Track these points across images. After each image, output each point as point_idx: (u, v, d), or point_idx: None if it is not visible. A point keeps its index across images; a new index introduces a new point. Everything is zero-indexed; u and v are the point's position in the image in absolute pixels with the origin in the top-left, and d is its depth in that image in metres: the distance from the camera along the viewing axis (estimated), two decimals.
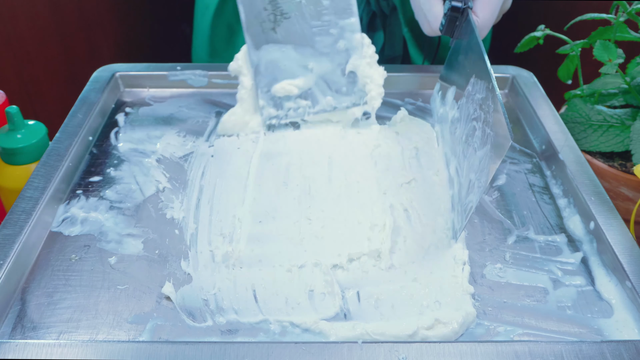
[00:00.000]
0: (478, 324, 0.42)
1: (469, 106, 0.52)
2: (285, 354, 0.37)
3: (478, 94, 0.50)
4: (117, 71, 0.68)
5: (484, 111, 0.48)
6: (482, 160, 0.46)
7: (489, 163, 0.45)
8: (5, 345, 0.38)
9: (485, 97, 0.48)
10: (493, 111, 0.46)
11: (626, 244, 0.46)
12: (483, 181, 0.45)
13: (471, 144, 0.49)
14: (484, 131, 0.47)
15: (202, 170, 0.56)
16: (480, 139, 0.48)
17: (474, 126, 0.50)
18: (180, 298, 0.43)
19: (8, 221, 0.47)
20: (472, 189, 0.47)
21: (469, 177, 0.48)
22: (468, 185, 0.48)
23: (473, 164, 0.48)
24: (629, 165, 0.61)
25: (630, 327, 0.42)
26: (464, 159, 0.51)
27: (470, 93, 0.52)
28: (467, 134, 0.51)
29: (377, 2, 0.75)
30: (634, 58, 0.65)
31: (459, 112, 0.55)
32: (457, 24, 0.57)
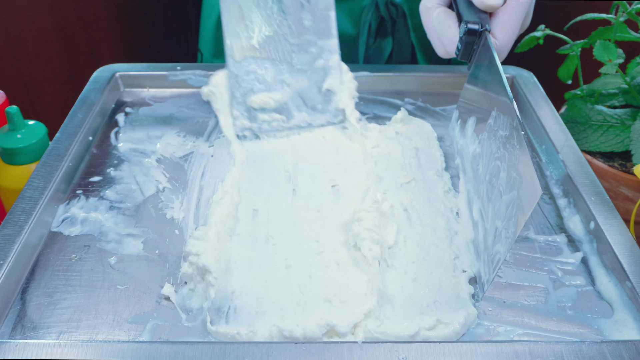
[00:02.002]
0: (478, 324, 0.42)
1: (491, 143, 0.48)
2: (285, 354, 0.37)
3: (501, 131, 0.46)
4: (117, 71, 0.68)
5: (508, 151, 0.44)
6: (509, 208, 0.42)
7: (517, 213, 0.41)
8: (5, 345, 0.38)
9: (509, 136, 0.45)
10: (519, 153, 0.42)
11: (626, 244, 0.46)
12: (511, 232, 0.41)
13: (496, 186, 0.46)
14: (510, 174, 0.43)
15: (202, 170, 0.56)
16: (505, 182, 0.44)
17: (497, 166, 0.46)
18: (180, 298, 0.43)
19: (8, 221, 0.47)
20: (499, 238, 0.43)
21: (495, 224, 0.44)
22: (494, 232, 0.44)
23: (499, 210, 0.44)
24: (629, 165, 0.61)
25: (630, 327, 0.42)
26: (488, 201, 0.47)
27: (492, 128, 0.48)
28: (491, 173, 0.47)
29: (386, 8, 0.75)
30: (634, 58, 0.65)
31: (480, 147, 0.51)
32: (474, 48, 0.52)
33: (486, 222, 0.46)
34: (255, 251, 0.47)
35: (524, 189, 0.41)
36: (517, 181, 0.42)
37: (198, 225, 0.50)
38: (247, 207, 0.51)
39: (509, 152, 0.44)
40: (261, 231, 0.49)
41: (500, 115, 0.47)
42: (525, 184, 0.40)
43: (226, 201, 0.50)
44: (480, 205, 0.48)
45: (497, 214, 0.44)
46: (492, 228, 0.45)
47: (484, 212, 0.47)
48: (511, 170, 0.43)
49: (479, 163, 0.51)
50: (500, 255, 0.42)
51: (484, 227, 0.47)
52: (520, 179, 0.42)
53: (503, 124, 0.46)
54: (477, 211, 0.49)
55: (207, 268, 0.43)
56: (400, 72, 0.69)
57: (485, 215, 0.47)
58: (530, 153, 0.41)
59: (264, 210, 0.51)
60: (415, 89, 0.69)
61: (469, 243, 0.48)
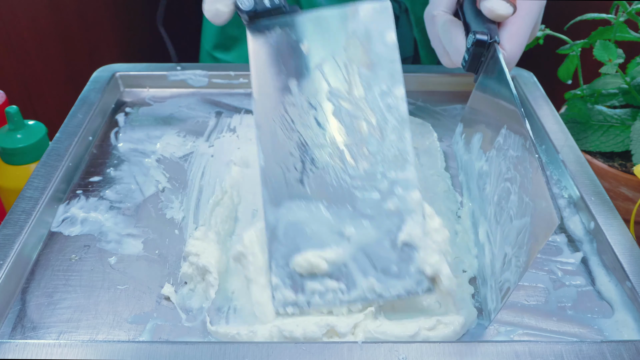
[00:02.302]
0: (478, 324, 0.42)
1: (500, 162, 0.44)
2: (285, 354, 0.37)
3: (512, 151, 0.43)
4: (117, 71, 0.68)
5: (519, 173, 0.41)
6: (520, 235, 0.39)
7: (530, 241, 0.38)
8: (5, 345, 0.38)
9: (521, 157, 0.41)
10: (532, 177, 0.39)
11: (626, 244, 0.46)
12: (523, 262, 0.38)
13: (505, 209, 0.42)
14: (522, 199, 0.40)
15: (202, 170, 0.56)
16: (516, 206, 0.40)
17: (507, 188, 0.42)
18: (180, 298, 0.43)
19: (8, 221, 0.47)
20: (509, 266, 0.39)
21: (505, 250, 0.41)
22: (503, 259, 0.41)
23: (509, 236, 0.40)
24: (629, 165, 0.61)
25: (630, 327, 0.42)
26: (496, 224, 0.43)
27: (501, 146, 0.45)
28: (500, 195, 0.43)
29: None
30: (634, 58, 0.65)
31: (487, 165, 0.47)
32: (482, 59, 0.49)
33: (494, 246, 0.43)
34: None
35: (538, 217, 0.37)
36: (529, 207, 0.39)
37: (198, 225, 0.50)
38: (247, 208, 0.51)
39: (521, 175, 0.41)
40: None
41: (511, 134, 0.44)
42: (540, 211, 0.37)
43: (226, 201, 0.50)
44: (488, 227, 0.45)
45: (507, 240, 0.40)
46: (500, 253, 0.41)
47: (491, 236, 0.44)
48: (523, 195, 0.40)
49: (486, 182, 0.47)
50: (509, 284, 0.38)
51: (492, 251, 0.43)
52: (533, 205, 0.38)
53: (514, 144, 0.43)
54: (483, 233, 0.45)
55: (207, 268, 0.43)
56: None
57: (493, 239, 0.43)
58: (545, 179, 0.37)
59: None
60: (415, 89, 0.69)
61: (469, 244, 0.48)
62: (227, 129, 0.62)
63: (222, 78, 0.68)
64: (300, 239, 0.43)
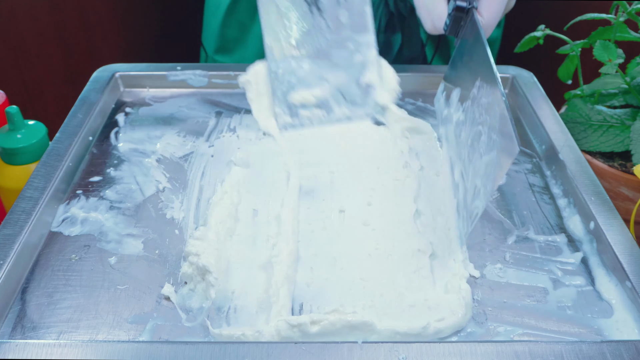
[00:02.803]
0: (478, 324, 0.42)
1: (475, 110, 0.51)
2: (285, 354, 0.37)
3: (484, 98, 0.49)
4: (117, 71, 0.68)
5: (490, 116, 0.47)
6: (488, 166, 0.45)
7: (496, 170, 0.44)
8: (5, 345, 0.38)
9: (491, 102, 0.47)
10: (500, 117, 0.45)
11: (626, 244, 0.46)
12: (489, 188, 0.44)
13: (477, 149, 0.48)
14: (490, 137, 0.46)
15: (202, 170, 0.56)
16: (486, 144, 0.47)
17: (479, 130, 0.49)
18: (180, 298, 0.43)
19: (8, 221, 0.47)
20: (478, 194, 0.46)
21: (475, 183, 0.47)
22: (474, 190, 0.47)
23: (479, 170, 0.47)
24: (629, 165, 0.61)
25: (630, 327, 0.42)
26: (469, 163, 0.50)
27: (475, 96, 0.51)
28: (473, 138, 0.50)
29: (395, 4, 0.75)
30: (634, 58, 0.65)
31: (464, 115, 0.54)
32: (461, 23, 0.56)
33: (467, 182, 0.50)
34: (255, 251, 0.47)
35: (503, 147, 0.43)
36: (496, 142, 0.45)
37: (198, 225, 0.50)
38: (247, 207, 0.51)
39: (491, 117, 0.47)
40: (261, 231, 0.49)
41: (484, 84, 0.50)
42: (504, 143, 0.43)
43: (226, 201, 0.50)
44: (462, 167, 0.51)
45: (477, 174, 0.47)
46: (471, 187, 0.48)
47: (465, 174, 0.50)
48: (491, 133, 0.46)
49: (461, 130, 0.54)
50: (477, 210, 0.45)
51: (464, 187, 0.50)
52: (499, 140, 0.44)
53: (486, 92, 0.49)
54: (458, 173, 0.52)
55: (207, 268, 0.43)
56: (401, 73, 0.68)
57: (466, 176, 0.50)
58: (509, 116, 0.43)
59: (264, 210, 0.51)
60: (415, 89, 0.69)
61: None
62: (227, 129, 0.62)
63: (222, 78, 0.68)
64: (294, 81, 0.61)
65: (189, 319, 0.42)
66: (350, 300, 0.43)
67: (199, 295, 0.44)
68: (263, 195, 0.53)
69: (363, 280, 0.44)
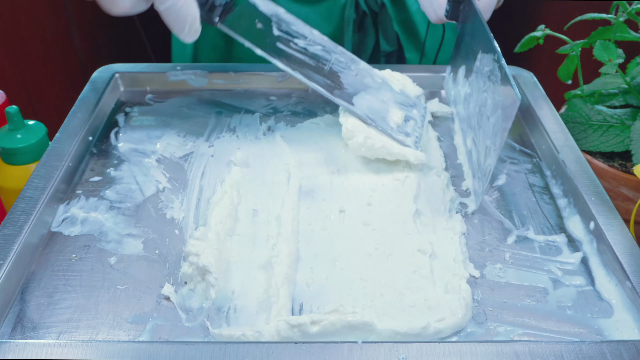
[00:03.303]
0: (478, 324, 0.42)
1: (479, 80, 0.54)
2: (285, 354, 0.37)
3: (486, 67, 0.52)
4: (117, 71, 0.68)
5: (492, 82, 0.50)
6: (495, 126, 0.49)
7: (501, 125, 0.47)
8: (5, 345, 0.38)
9: (492, 69, 0.51)
10: (501, 79, 0.48)
11: (626, 244, 0.46)
12: (498, 144, 0.47)
13: (484, 113, 0.52)
14: (494, 99, 0.49)
15: (202, 170, 0.56)
16: (491, 107, 0.50)
17: (485, 97, 0.52)
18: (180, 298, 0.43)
19: (8, 221, 0.47)
20: (489, 153, 0.49)
21: (485, 144, 0.51)
22: (485, 151, 0.51)
23: (487, 131, 0.51)
24: (629, 165, 0.61)
25: (630, 327, 0.42)
26: (479, 128, 0.53)
27: (478, 68, 0.55)
28: (480, 105, 0.54)
29: (366, 2, 0.76)
30: (634, 58, 0.65)
31: (470, 88, 0.58)
32: (461, 8, 0.59)
33: (478, 145, 0.53)
34: (255, 251, 0.47)
35: (506, 104, 0.46)
36: (499, 102, 0.48)
37: (198, 225, 0.50)
38: (247, 207, 0.51)
39: (493, 82, 0.50)
40: (261, 231, 0.49)
41: (484, 55, 0.53)
42: (506, 100, 0.46)
43: (226, 201, 0.50)
44: (473, 134, 0.55)
45: (487, 135, 0.51)
46: (482, 148, 0.52)
47: (476, 139, 0.54)
48: (495, 95, 0.50)
49: (469, 101, 0.57)
50: (490, 167, 0.49)
51: (477, 151, 0.53)
52: (502, 99, 0.48)
53: (487, 61, 0.52)
54: (470, 140, 0.56)
55: (207, 268, 0.43)
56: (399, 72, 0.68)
57: (477, 141, 0.54)
58: (509, 75, 0.46)
59: (264, 210, 0.51)
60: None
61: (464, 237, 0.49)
62: (227, 129, 0.62)
63: (222, 78, 0.68)
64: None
65: (189, 319, 0.42)
66: (350, 300, 0.43)
67: (199, 295, 0.44)
68: (263, 195, 0.53)
69: (363, 280, 0.44)
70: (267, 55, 0.56)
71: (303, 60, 0.58)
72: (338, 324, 0.40)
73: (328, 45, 0.60)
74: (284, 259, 0.45)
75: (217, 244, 0.46)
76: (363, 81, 0.60)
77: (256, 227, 0.49)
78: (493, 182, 0.56)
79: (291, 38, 0.58)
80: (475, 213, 0.52)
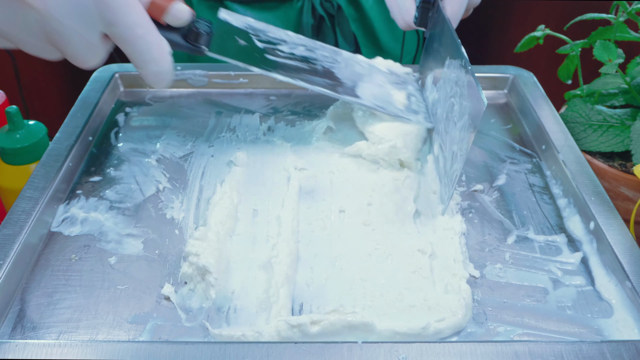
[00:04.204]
0: (478, 324, 0.42)
1: (446, 86, 0.54)
2: (285, 354, 0.37)
3: (453, 73, 0.52)
4: (117, 71, 0.68)
5: (459, 87, 0.50)
6: (461, 131, 0.48)
7: (468, 131, 0.46)
8: (5, 345, 0.38)
9: (459, 74, 0.50)
10: (467, 84, 0.48)
11: (626, 244, 0.46)
12: (464, 149, 0.47)
13: (451, 119, 0.51)
14: (461, 105, 0.49)
15: (202, 170, 0.56)
16: (459, 112, 0.49)
17: (452, 102, 0.51)
18: (180, 298, 0.43)
19: (8, 221, 0.47)
20: (456, 159, 0.49)
21: (452, 150, 0.50)
22: (452, 157, 0.50)
23: (454, 137, 0.50)
24: (629, 165, 0.61)
25: (630, 327, 0.42)
26: (445, 134, 0.53)
27: (446, 74, 0.54)
28: (447, 111, 0.53)
29: (322, 6, 0.78)
30: (634, 58, 0.65)
31: (437, 94, 0.57)
32: (429, 15, 0.59)
33: (445, 151, 0.53)
34: (255, 251, 0.47)
35: (472, 109, 0.46)
36: (466, 107, 0.47)
37: (198, 225, 0.50)
38: (247, 207, 0.51)
39: (460, 87, 0.50)
40: (261, 231, 0.49)
41: (452, 61, 0.53)
42: (473, 104, 0.46)
43: (226, 201, 0.50)
44: (440, 140, 0.55)
45: (453, 140, 0.50)
46: (449, 154, 0.51)
47: (443, 144, 0.54)
48: (462, 101, 0.49)
49: (437, 107, 0.57)
50: (456, 172, 0.48)
51: (444, 157, 0.53)
52: (469, 104, 0.47)
53: (454, 67, 0.52)
54: (437, 147, 0.56)
55: (207, 268, 0.43)
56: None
57: (444, 146, 0.53)
58: (475, 80, 0.46)
59: (264, 210, 0.51)
60: None
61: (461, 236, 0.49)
62: (227, 129, 0.62)
63: (222, 78, 0.68)
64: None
65: (188, 319, 0.42)
66: (350, 300, 0.43)
67: (199, 295, 0.44)
68: (263, 195, 0.53)
69: (363, 280, 0.44)
70: (264, 71, 0.55)
71: (296, 65, 0.57)
72: (338, 324, 0.40)
73: (308, 43, 0.59)
74: (284, 259, 0.45)
75: (217, 244, 0.46)
76: (354, 70, 0.60)
77: (256, 227, 0.49)
78: (493, 182, 0.56)
79: (274, 46, 0.57)
80: (476, 213, 0.52)
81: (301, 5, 0.77)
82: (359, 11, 0.80)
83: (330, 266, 0.46)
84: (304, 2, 0.77)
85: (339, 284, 0.44)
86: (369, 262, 0.46)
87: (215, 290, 0.43)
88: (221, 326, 0.41)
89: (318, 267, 0.46)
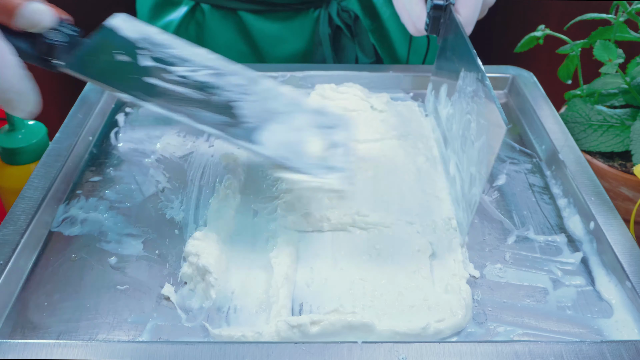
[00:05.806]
0: (478, 324, 0.42)
1: (462, 101, 0.51)
2: (285, 354, 0.37)
3: (469, 87, 0.50)
4: None
5: (476, 103, 0.47)
6: (480, 152, 0.46)
7: (487, 154, 0.44)
8: (5, 345, 0.38)
9: (476, 89, 0.48)
10: (485, 101, 0.45)
11: (626, 244, 0.46)
12: (484, 172, 0.44)
13: (468, 138, 0.49)
14: (479, 122, 0.46)
15: (202, 170, 0.56)
16: (476, 131, 0.47)
17: (468, 119, 0.49)
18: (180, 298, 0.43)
19: (8, 221, 0.47)
20: (474, 182, 0.46)
21: (470, 171, 0.48)
22: (470, 179, 0.47)
23: (472, 158, 0.47)
24: (629, 165, 0.61)
25: (630, 327, 0.42)
26: (462, 153, 0.50)
27: (461, 87, 0.52)
28: (463, 128, 0.50)
29: (339, 16, 0.75)
30: (634, 58, 0.65)
31: (452, 109, 0.55)
32: (441, 21, 0.56)
33: (462, 172, 0.50)
34: (255, 251, 0.47)
35: (491, 130, 0.44)
36: (485, 127, 0.45)
37: (198, 225, 0.50)
38: (247, 207, 0.51)
39: (477, 104, 0.47)
40: (261, 231, 0.49)
41: (468, 74, 0.50)
42: (492, 126, 0.43)
43: (226, 201, 0.50)
44: (456, 159, 0.52)
45: (471, 162, 0.47)
46: (467, 176, 0.48)
47: (460, 165, 0.51)
48: (479, 119, 0.46)
49: (452, 123, 0.54)
50: (475, 197, 0.46)
51: (461, 178, 0.50)
52: (487, 124, 0.45)
53: (470, 81, 0.49)
54: (453, 166, 0.53)
55: (207, 268, 0.43)
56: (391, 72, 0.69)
57: (461, 167, 0.50)
58: (494, 98, 0.43)
59: (263, 210, 0.51)
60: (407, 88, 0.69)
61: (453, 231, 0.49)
62: None
63: None
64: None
65: (189, 319, 0.42)
66: (350, 301, 0.43)
67: (199, 296, 0.44)
68: (263, 195, 0.53)
69: (363, 280, 0.44)
70: (132, 98, 0.46)
71: (182, 93, 0.47)
72: (338, 324, 0.40)
73: (220, 67, 0.49)
74: (284, 259, 0.45)
75: (217, 244, 0.46)
76: (268, 107, 0.49)
77: (256, 227, 0.49)
78: (493, 182, 0.56)
79: (165, 66, 0.47)
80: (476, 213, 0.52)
81: (318, 15, 0.75)
82: (376, 21, 0.77)
83: (331, 266, 0.46)
84: (321, 12, 0.74)
85: (339, 284, 0.44)
86: (369, 262, 0.46)
87: (215, 291, 0.43)
88: (221, 326, 0.41)
89: (318, 267, 0.46)
